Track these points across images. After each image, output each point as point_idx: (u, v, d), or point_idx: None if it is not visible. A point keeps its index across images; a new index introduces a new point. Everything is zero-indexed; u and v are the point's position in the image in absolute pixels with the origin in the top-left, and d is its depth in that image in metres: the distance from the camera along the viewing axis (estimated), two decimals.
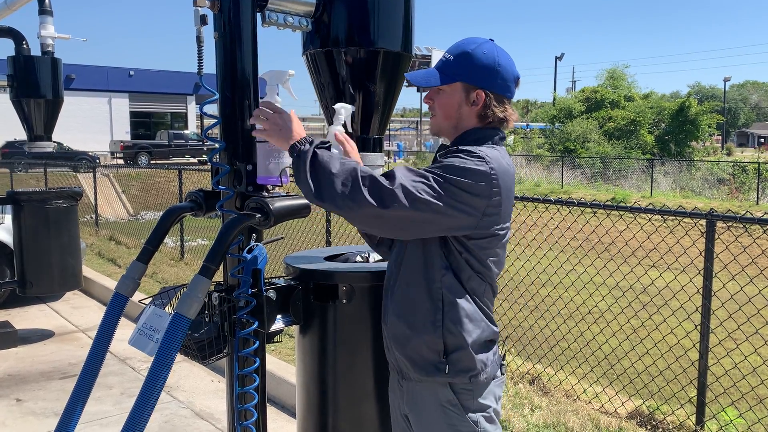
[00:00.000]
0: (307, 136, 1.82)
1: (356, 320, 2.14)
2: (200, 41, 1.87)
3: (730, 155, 44.53)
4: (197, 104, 10.13)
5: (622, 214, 4.98)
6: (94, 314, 6.72)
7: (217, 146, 2.01)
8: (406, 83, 2.34)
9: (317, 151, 1.75)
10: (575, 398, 4.40)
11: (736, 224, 3.94)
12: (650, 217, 4.35)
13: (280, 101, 1.97)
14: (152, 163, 29.40)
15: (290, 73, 2.00)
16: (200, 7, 1.85)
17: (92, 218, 13.24)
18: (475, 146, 1.80)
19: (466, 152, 1.77)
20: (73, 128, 30.61)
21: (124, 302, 2.05)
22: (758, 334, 4.74)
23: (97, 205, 13.19)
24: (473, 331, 1.82)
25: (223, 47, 1.96)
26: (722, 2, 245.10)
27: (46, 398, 4.59)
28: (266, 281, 2.04)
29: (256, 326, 1.94)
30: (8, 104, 5.24)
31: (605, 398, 4.38)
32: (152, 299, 1.96)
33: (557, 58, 57.26)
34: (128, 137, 36.43)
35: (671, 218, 4.25)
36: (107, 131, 36.38)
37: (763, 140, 68.66)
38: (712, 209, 4.20)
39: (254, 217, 1.90)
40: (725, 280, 4.50)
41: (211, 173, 2.10)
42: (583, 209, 4.79)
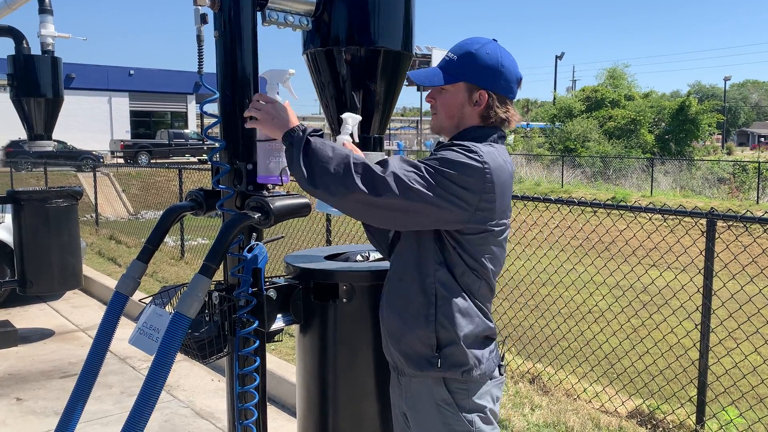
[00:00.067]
0: (300, 124, 1.82)
1: (356, 319, 2.14)
2: (200, 40, 1.87)
3: (730, 154, 44.55)
4: (197, 103, 10.11)
5: (622, 213, 4.98)
6: (94, 313, 6.73)
7: (217, 145, 2.02)
8: (406, 82, 2.34)
9: (310, 138, 1.75)
10: (575, 397, 4.40)
11: (736, 223, 3.94)
12: (650, 216, 4.35)
13: (280, 100, 1.97)
14: (152, 162, 29.38)
15: (290, 72, 2.00)
16: (200, 6, 1.85)
17: (92, 217, 13.24)
18: (471, 142, 1.81)
19: (460, 146, 1.78)
20: (73, 127, 30.61)
21: (124, 301, 2.05)
22: (758, 333, 4.74)
23: (97, 204, 13.20)
24: (465, 326, 1.82)
25: (223, 46, 1.96)
26: (722, 1, 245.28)
27: (46, 397, 4.59)
28: (266, 280, 2.04)
29: (256, 325, 1.94)
30: (10, 103, 5.24)
31: (605, 397, 4.38)
32: (152, 298, 1.97)
33: (557, 57, 57.26)
34: (128, 136, 36.44)
35: (671, 217, 4.25)
36: (107, 130, 36.37)
37: (763, 139, 68.66)
38: (712, 208, 4.20)
39: (254, 216, 1.90)
40: (725, 279, 4.50)
41: (211, 172, 2.10)
42: (583, 208, 4.79)
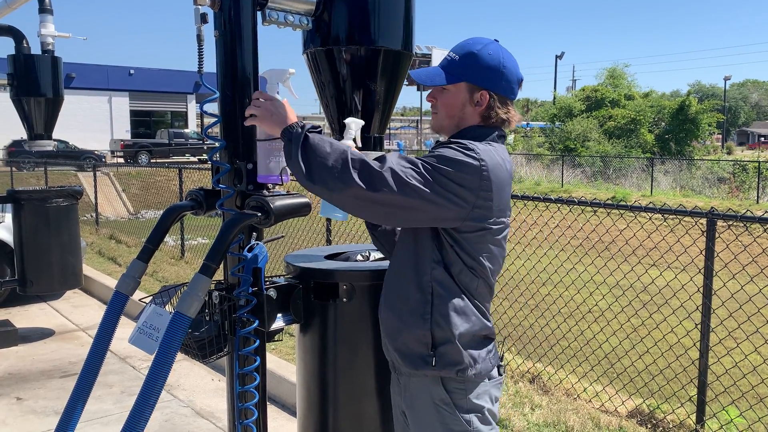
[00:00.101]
0: (299, 121, 1.83)
1: (356, 319, 2.14)
2: (201, 40, 1.87)
3: (730, 154, 44.55)
4: (197, 103, 10.10)
5: (622, 212, 4.98)
6: (94, 313, 6.73)
7: (217, 145, 2.02)
8: (406, 82, 2.34)
9: (309, 134, 1.77)
10: (575, 397, 4.40)
11: (736, 223, 3.94)
12: (650, 215, 4.35)
13: (279, 99, 1.97)
14: (152, 161, 29.39)
15: (291, 71, 2.00)
16: (201, 5, 1.85)
17: (92, 217, 13.24)
18: (469, 140, 1.81)
19: (457, 144, 1.78)
20: (73, 127, 30.61)
21: (124, 301, 2.05)
22: (759, 332, 4.74)
23: (97, 203, 13.20)
24: (461, 325, 1.82)
25: (223, 46, 1.96)
26: (723, 1, 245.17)
27: (46, 397, 4.59)
28: (267, 280, 2.04)
29: (256, 325, 1.94)
30: (12, 103, 5.24)
31: (605, 397, 4.38)
32: (153, 298, 1.97)
33: (557, 56, 57.26)
34: (128, 136, 36.42)
35: (671, 217, 4.25)
36: (107, 130, 36.36)
37: (763, 138, 68.66)
38: (712, 208, 4.19)
39: (255, 215, 1.90)
40: (725, 278, 4.50)
41: (211, 172, 2.10)
42: (583, 208, 4.79)
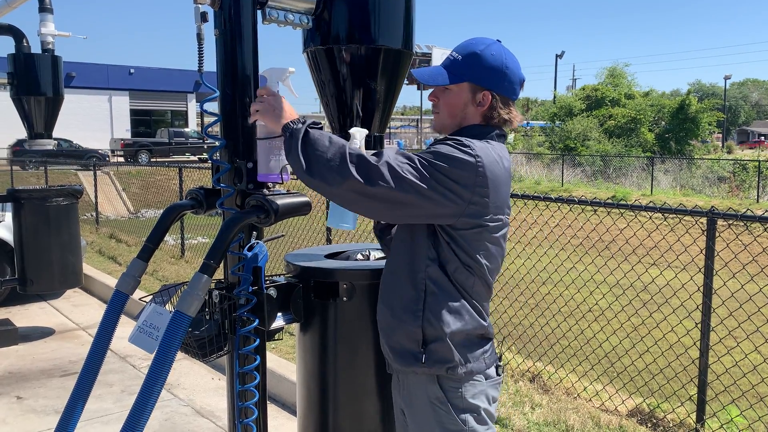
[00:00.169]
0: (300, 117, 1.85)
1: (357, 318, 2.14)
2: (201, 38, 1.86)
3: (730, 153, 44.54)
4: (197, 102, 10.10)
5: (622, 211, 4.98)
6: (94, 312, 6.73)
7: (217, 144, 2.01)
8: (406, 81, 2.34)
9: (309, 129, 1.79)
10: (575, 396, 4.40)
11: (736, 222, 3.94)
12: (651, 214, 4.34)
13: None
14: (152, 160, 29.39)
15: (290, 70, 2.00)
16: (201, 4, 1.85)
17: (93, 216, 13.24)
18: (466, 137, 1.82)
19: (454, 140, 1.79)
20: (73, 126, 30.59)
21: (124, 300, 2.05)
22: (759, 332, 4.74)
23: (97, 202, 13.20)
24: (453, 323, 1.82)
25: (223, 44, 1.96)
26: (723, 0, 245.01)
27: (46, 396, 4.59)
28: (267, 279, 2.04)
29: (256, 324, 1.94)
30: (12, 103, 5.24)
31: (605, 396, 4.38)
32: (153, 297, 1.96)
33: (557, 56, 57.26)
34: (129, 135, 36.40)
35: (672, 216, 4.24)
36: (107, 129, 36.35)
37: (763, 138, 68.64)
38: (712, 207, 4.19)
39: (255, 214, 1.90)
40: (726, 278, 4.49)
41: (211, 171, 2.10)
42: (583, 207, 4.79)
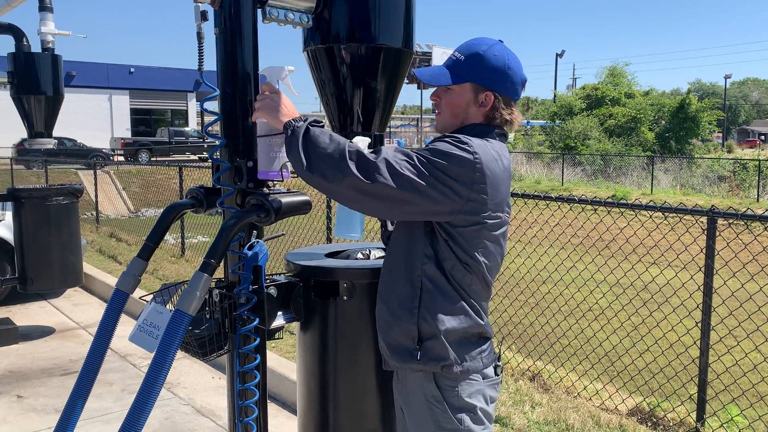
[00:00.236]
0: (301, 116, 1.86)
1: (357, 317, 2.13)
2: (201, 37, 1.86)
3: (730, 152, 44.53)
4: (198, 101, 10.11)
5: (622, 211, 4.99)
6: (94, 311, 6.73)
7: (217, 143, 2.01)
8: (407, 80, 2.33)
9: (310, 127, 1.80)
10: (576, 395, 4.40)
11: (737, 221, 3.94)
12: (651, 213, 4.35)
13: None
14: (153, 160, 29.39)
15: (289, 69, 2.00)
16: (201, 2, 1.85)
17: (93, 215, 13.24)
18: (464, 135, 1.82)
19: (452, 138, 1.80)
20: (73, 125, 30.58)
21: (124, 299, 2.04)
22: (759, 331, 4.74)
23: (97, 202, 13.19)
24: (448, 321, 1.83)
25: (223, 43, 1.96)
26: None
27: (47, 395, 4.59)
28: (267, 278, 2.04)
29: (256, 323, 1.94)
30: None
31: (606, 395, 4.38)
32: (153, 296, 1.96)
33: (558, 55, 57.28)
34: (129, 134, 36.38)
35: (672, 215, 4.24)
36: (108, 128, 36.33)
37: (763, 137, 68.61)
38: (713, 206, 4.19)
39: (255, 213, 1.90)
40: (726, 277, 4.49)
41: (211, 170, 2.10)
42: (583, 206, 4.79)
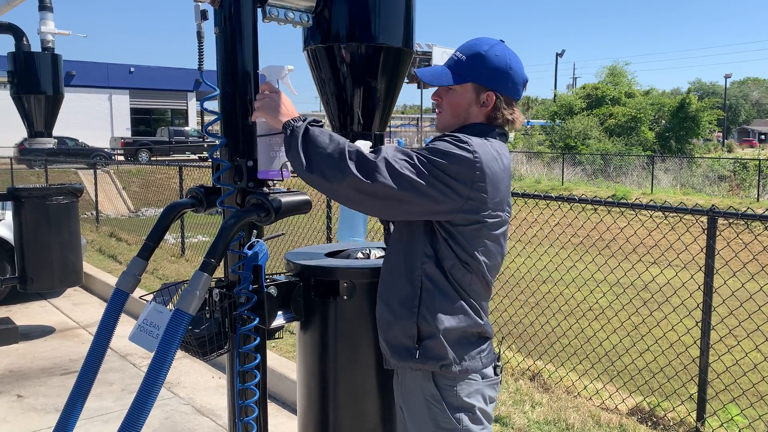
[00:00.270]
0: (300, 115, 1.86)
1: (357, 316, 2.13)
2: (201, 37, 1.86)
3: (730, 152, 44.53)
4: (198, 100, 10.16)
5: (623, 210, 4.99)
6: (94, 310, 6.72)
7: (217, 142, 2.01)
8: (407, 80, 2.33)
9: (309, 127, 1.80)
10: (576, 395, 4.40)
11: (737, 221, 3.94)
12: (651, 213, 4.34)
13: None
14: (153, 159, 29.40)
15: (289, 68, 2.00)
16: (201, 2, 1.85)
17: (93, 215, 13.25)
18: (464, 134, 1.82)
19: (451, 137, 1.80)
20: (73, 125, 30.58)
21: (124, 298, 2.04)
22: (759, 330, 4.74)
23: (97, 201, 13.20)
24: (447, 321, 1.83)
25: (223, 43, 1.95)
26: None
27: (47, 394, 4.59)
28: (267, 277, 2.04)
29: (256, 322, 1.93)
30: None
31: (606, 395, 4.38)
32: (153, 295, 1.96)
33: (558, 54, 57.28)
34: (129, 134, 36.37)
35: (672, 215, 4.24)
36: (108, 128, 36.33)
37: (763, 137, 68.60)
38: (713, 206, 4.19)
39: (255, 213, 1.90)
40: (726, 276, 4.49)
41: (211, 169, 2.10)
42: (583, 206, 4.79)
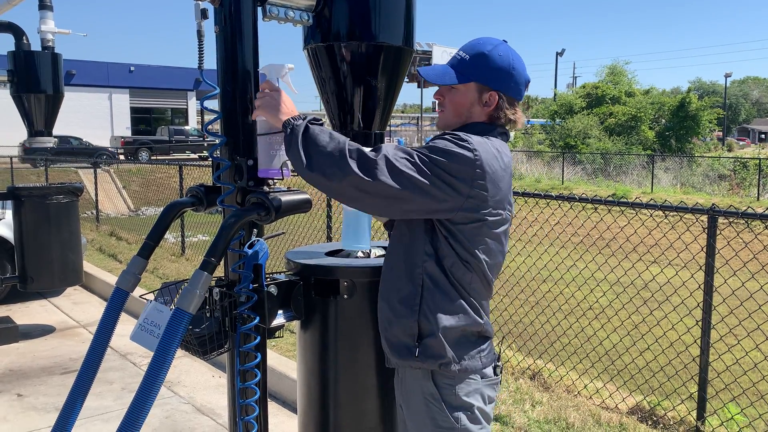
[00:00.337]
0: (300, 114, 1.86)
1: (357, 315, 2.13)
2: (201, 35, 1.86)
3: (731, 151, 44.53)
4: (198, 99, 10.13)
5: (623, 209, 4.99)
6: (94, 309, 6.73)
7: (218, 141, 2.01)
8: (407, 79, 2.33)
9: (309, 125, 1.80)
10: (576, 394, 4.40)
11: (737, 220, 3.94)
12: (651, 212, 4.34)
13: None
14: (153, 158, 29.40)
15: (289, 66, 2.00)
16: (201, 1, 1.84)
17: (93, 214, 13.25)
18: (464, 133, 1.82)
19: (452, 135, 1.80)
20: (73, 124, 30.59)
21: (124, 297, 2.04)
22: (759, 329, 4.74)
23: (97, 200, 13.19)
24: (447, 319, 1.83)
25: (223, 41, 1.95)
26: None
27: (47, 393, 4.59)
28: (267, 276, 2.04)
29: (257, 321, 1.93)
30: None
31: (606, 394, 4.38)
32: (154, 295, 1.96)
33: (558, 53, 57.32)
34: (129, 133, 36.37)
35: (672, 214, 4.24)
36: (108, 127, 36.34)
37: (763, 136, 68.59)
38: (713, 205, 4.19)
39: (255, 212, 1.90)
40: (726, 275, 4.49)
41: (212, 168, 2.10)
42: (583, 205, 4.78)
